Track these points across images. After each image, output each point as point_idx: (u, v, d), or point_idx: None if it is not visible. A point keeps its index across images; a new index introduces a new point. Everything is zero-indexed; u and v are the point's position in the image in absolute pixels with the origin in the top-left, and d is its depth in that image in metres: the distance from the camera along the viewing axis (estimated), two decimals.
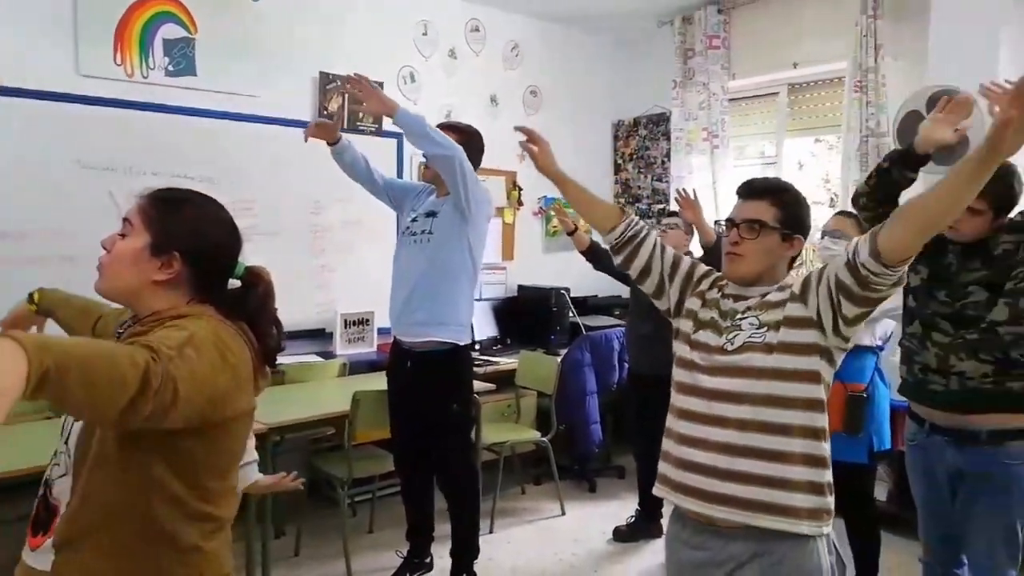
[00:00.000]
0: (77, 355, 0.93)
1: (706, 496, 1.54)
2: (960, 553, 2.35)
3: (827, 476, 1.54)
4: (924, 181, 2.32)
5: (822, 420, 1.54)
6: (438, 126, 3.12)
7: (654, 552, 3.51)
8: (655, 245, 1.79)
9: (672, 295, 1.75)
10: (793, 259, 1.69)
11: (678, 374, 1.66)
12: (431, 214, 3.02)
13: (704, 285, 1.73)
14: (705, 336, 1.62)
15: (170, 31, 3.79)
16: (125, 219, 1.30)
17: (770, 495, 1.49)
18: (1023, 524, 2.21)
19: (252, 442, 1.99)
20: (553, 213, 3.88)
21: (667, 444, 1.64)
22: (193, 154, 3.80)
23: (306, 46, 4.21)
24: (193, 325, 1.19)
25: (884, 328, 2.92)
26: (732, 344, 1.56)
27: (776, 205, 1.63)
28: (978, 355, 2.14)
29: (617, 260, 1.83)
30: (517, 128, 1.99)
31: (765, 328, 1.55)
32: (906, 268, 1.44)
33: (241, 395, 1.25)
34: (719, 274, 1.76)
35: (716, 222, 3.51)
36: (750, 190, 1.68)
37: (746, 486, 1.50)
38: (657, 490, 1.67)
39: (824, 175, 4.83)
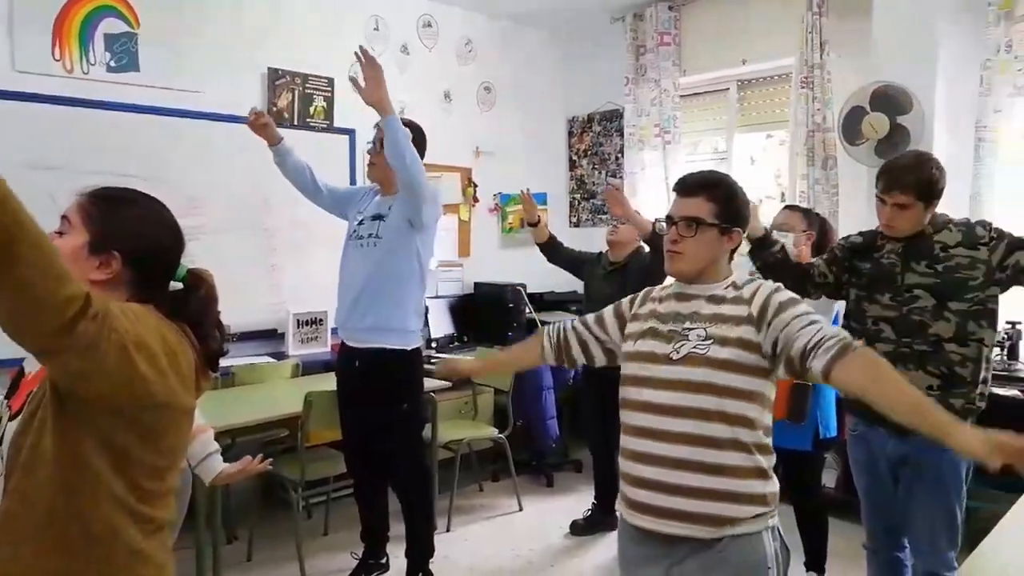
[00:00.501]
0: (34, 229, 0.95)
1: (653, 511, 1.57)
2: (902, 538, 2.42)
3: (771, 487, 1.57)
4: None
5: (761, 437, 1.56)
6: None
7: (610, 545, 3.53)
8: (576, 332, 1.85)
9: (619, 342, 1.77)
10: (734, 250, 1.71)
11: (624, 391, 1.67)
12: (378, 217, 2.97)
13: (635, 308, 1.75)
14: (648, 344, 1.63)
15: (111, 25, 3.69)
16: (63, 216, 1.28)
17: (715, 508, 1.52)
18: (961, 508, 2.28)
19: (211, 433, 2.01)
20: (521, 203, 3.86)
21: (620, 462, 1.66)
22: (137, 152, 3.70)
23: (254, 41, 4.14)
24: (133, 311, 1.18)
25: (830, 316, 2.97)
26: (678, 353, 1.57)
27: (712, 200, 1.63)
28: (926, 367, 2.19)
29: (564, 364, 1.91)
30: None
31: (711, 341, 1.55)
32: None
33: (178, 387, 1.23)
34: (648, 289, 1.79)
35: (656, 220, 3.54)
36: (685, 187, 1.69)
37: (692, 499, 1.53)
38: (617, 504, 1.71)
39: (776, 170, 4.90)
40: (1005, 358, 3.49)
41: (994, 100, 3.59)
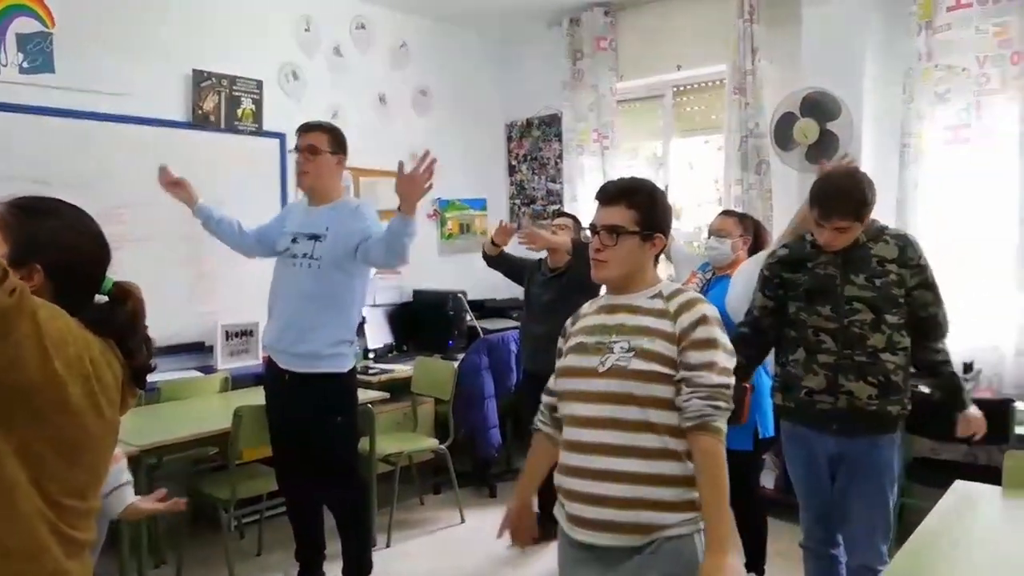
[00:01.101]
0: None
1: (586, 523, 1.58)
2: (837, 535, 2.47)
3: (695, 493, 1.56)
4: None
5: (679, 444, 1.56)
6: (303, 128, 2.97)
7: (553, 554, 3.48)
8: (551, 400, 1.79)
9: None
10: (658, 256, 1.72)
11: (560, 406, 1.70)
12: (315, 237, 2.85)
13: (568, 330, 1.77)
14: (575, 359, 1.66)
15: (24, 25, 3.49)
16: None
17: (647, 516, 1.53)
18: (894, 503, 2.37)
19: (123, 463, 1.93)
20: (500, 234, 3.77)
21: (555, 475, 1.68)
22: (55, 157, 3.51)
23: (178, 41, 3.98)
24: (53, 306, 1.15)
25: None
26: (604, 366, 1.59)
27: (632, 207, 1.64)
28: (866, 377, 2.26)
29: None
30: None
31: (632, 353, 1.57)
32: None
33: (100, 398, 1.20)
34: (579, 310, 1.79)
35: (582, 229, 3.54)
36: (606, 195, 1.69)
37: (621, 511, 1.54)
38: (556, 510, 1.69)
39: (714, 175, 4.97)
40: None
41: (917, 107, 3.71)
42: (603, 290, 1.77)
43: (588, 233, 1.72)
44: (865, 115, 3.75)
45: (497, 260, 3.86)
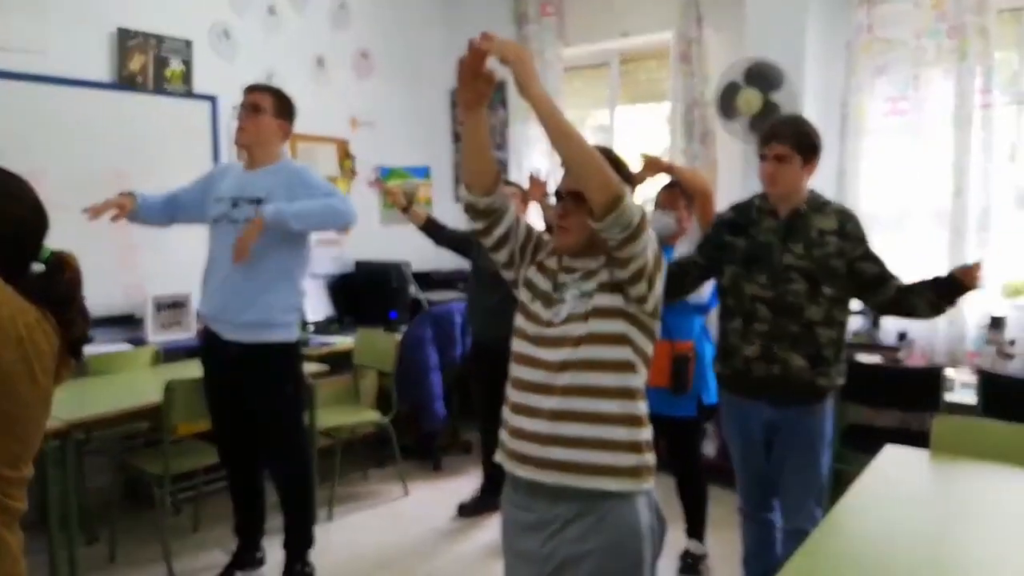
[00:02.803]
0: None
1: (534, 462, 1.57)
2: (772, 500, 2.54)
3: (645, 434, 1.59)
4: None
5: (635, 380, 1.58)
6: (249, 87, 2.86)
7: (498, 524, 3.49)
8: (514, 216, 1.75)
9: (521, 266, 1.73)
10: None
11: (515, 343, 1.67)
12: (257, 201, 2.74)
13: (542, 255, 1.73)
14: (537, 308, 1.65)
15: None
16: None
17: (592, 456, 1.54)
18: (827, 468, 2.46)
19: None
20: (383, 190, 3.73)
21: (504, 412, 1.67)
22: None
23: None
24: None
25: (709, 287, 3.01)
26: (558, 317, 1.60)
27: None
28: (797, 348, 2.29)
29: (477, 226, 1.73)
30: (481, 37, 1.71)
31: (582, 296, 1.59)
32: (622, 219, 1.45)
33: (34, 367, 1.20)
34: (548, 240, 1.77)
35: (547, 195, 3.52)
36: None
37: (569, 449, 1.54)
38: (497, 455, 1.69)
39: (661, 145, 4.96)
40: (870, 327, 3.68)
41: (857, 79, 3.75)
42: None
43: (553, 200, 1.68)
44: (807, 86, 3.77)
45: (435, 233, 3.79)
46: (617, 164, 1.65)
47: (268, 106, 2.80)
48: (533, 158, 5.00)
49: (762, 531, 2.57)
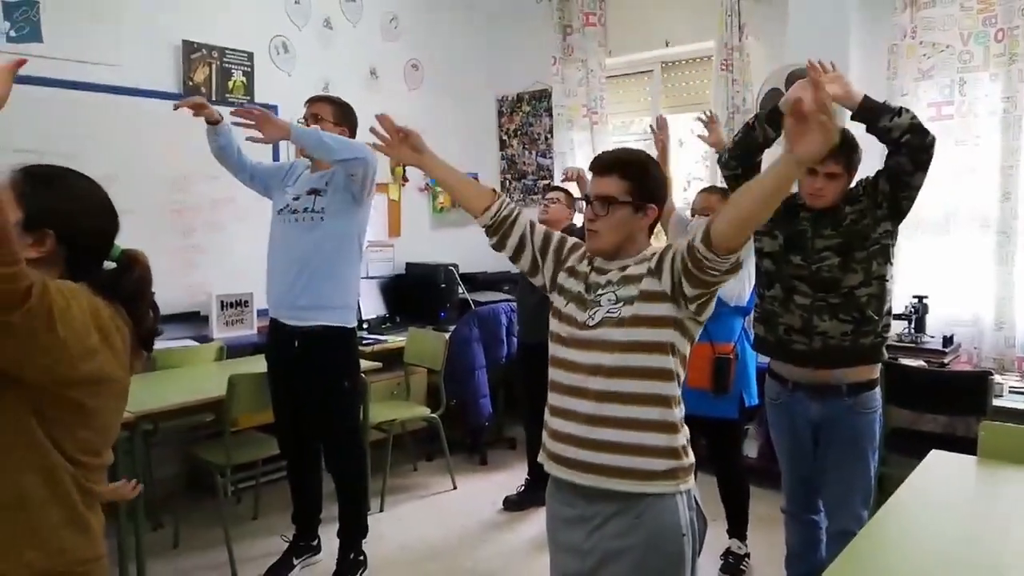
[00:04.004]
0: None
1: (571, 464, 1.62)
2: (818, 500, 2.53)
3: (681, 440, 1.62)
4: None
5: (672, 389, 1.61)
6: (310, 99, 3.02)
7: (542, 518, 3.58)
8: (527, 224, 1.82)
9: (546, 271, 1.79)
10: (652, 227, 1.73)
11: (551, 347, 1.72)
12: (314, 192, 2.91)
13: (573, 259, 1.77)
14: (571, 310, 1.68)
15: None
16: None
17: (628, 461, 1.57)
18: (874, 469, 2.43)
19: None
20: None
21: (545, 415, 1.72)
22: (42, 127, 3.49)
23: (168, 12, 3.97)
24: (69, 288, 1.19)
25: (748, 289, 3.05)
26: (593, 319, 1.62)
27: (625, 178, 1.65)
28: (838, 316, 2.31)
29: (491, 241, 1.83)
30: (377, 117, 1.93)
31: (621, 303, 1.60)
32: (736, 258, 1.48)
33: (111, 363, 1.24)
34: (577, 242, 1.81)
35: (577, 198, 3.60)
36: (599, 166, 1.70)
37: (605, 453, 1.58)
38: (540, 456, 1.74)
39: (704, 151, 5.00)
40: (912, 331, 3.68)
41: (900, 84, 3.77)
42: None
43: (583, 203, 1.75)
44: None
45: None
46: (658, 177, 1.71)
47: (328, 115, 2.95)
48: (577, 162, 5.09)
49: (806, 532, 2.56)
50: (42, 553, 1.20)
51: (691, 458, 1.64)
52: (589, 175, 1.74)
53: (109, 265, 1.36)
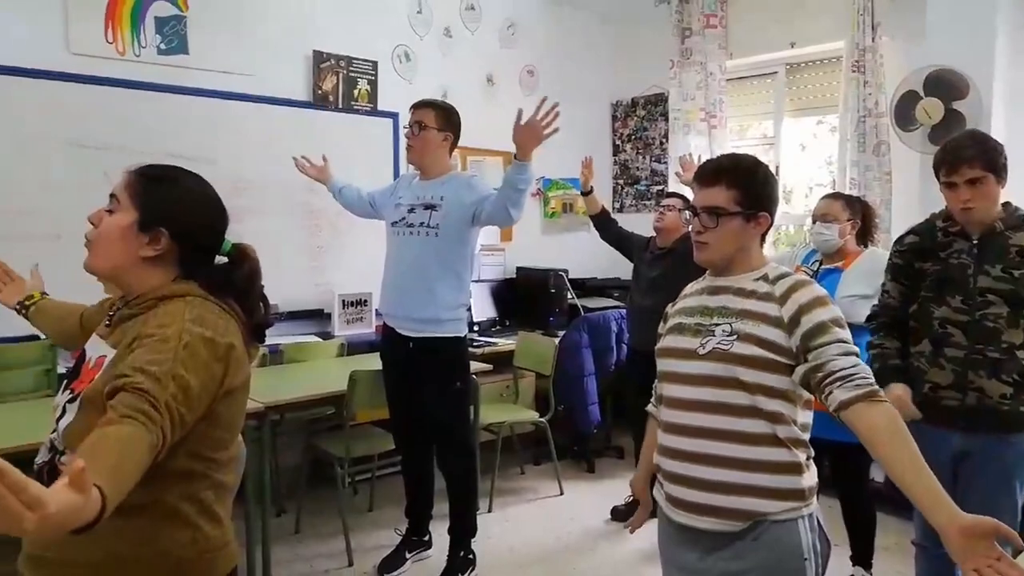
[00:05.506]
0: (118, 478, 0.98)
1: (686, 506, 1.55)
2: None
3: (807, 480, 1.52)
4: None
5: (786, 431, 1.50)
6: (414, 105, 3.07)
7: (651, 531, 3.52)
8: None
9: None
10: (765, 235, 1.64)
11: (659, 387, 1.67)
12: (431, 207, 2.96)
13: (668, 311, 1.72)
14: (673, 340, 1.62)
15: (161, 8, 3.74)
16: (112, 195, 1.31)
17: (748, 503, 1.49)
18: (1019, 509, 2.21)
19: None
20: (583, 171, 3.91)
21: (655, 456, 1.65)
22: (186, 133, 3.76)
23: (299, 24, 4.17)
24: (178, 324, 1.20)
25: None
26: (704, 348, 1.54)
27: (733, 187, 1.56)
28: (999, 375, 2.10)
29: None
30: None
31: (735, 337, 1.51)
32: None
33: (236, 372, 1.28)
34: (682, 291, 1.74)
35: (680, 210, 3.52)
36: (704, 175, 1.61)
37: (722, 495, 1.50)
38: (655, 493, 1.68)
39: (827, 157, 4.81)
40: None
41: None
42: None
43: (688, 214, 1.69)
44: (996, 94, 3.54)
45: (605, 225, 3.90)
46: (769, 182, 1.62)
47: (431, 121, 2.99)
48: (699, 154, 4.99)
49: (939, 568, 2.34)
50: (175, 543, 1.25)
51: (814, 477, 1.55)
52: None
53: (221, 260, 1.38)
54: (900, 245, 2.36)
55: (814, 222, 3.01)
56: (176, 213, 1.30)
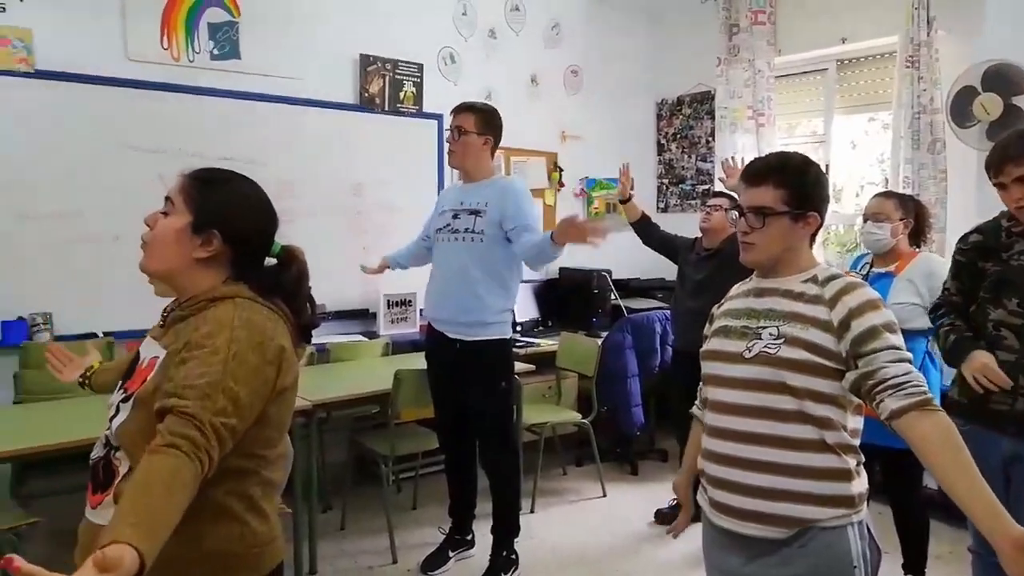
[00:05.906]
0: (158, 525, 1.03)
1: (731, 511, 1.52)
2: None
3: (856, 487, 1.49)
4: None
5: (835, 436, 1.47)
6: (454, 110, 3.09)
7: (695, 535, 3.48)
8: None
9: None
10: (814, 235, 1.60)
11: (703, 391, 1.65)
12: (475, 212, 2.97)
13: (714, 312, 1.70)
14: (718, 343, 1.59)
15: (214, 15, 3.85)
16: (167, 197, 1.35)
17: (796, 509, 1.46)
18: None
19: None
20: (621, 179, 3.89)
21: (700, 460, 1.63)
22: (237, 136, 3.86)
23: (346, 28, 4.24)
24: (226, 334, 1.23)
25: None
26: (750, 351, 1.51)
27: (781, 186, 1.53)
28: None
29: None
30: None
31: (782, 340, 1.47)
32: None
33: (287, 373, 1.31)
34: (728, 293, 1.72)
35: (726, 210, 3.46)
36: (751, 174, 1.58)
37: (769, 501, 1.47)
38: (699, 498, 1.65)
39: (879, 155, 4.69)
40: None
41: None
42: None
43: (734, 215, 1.66)
44: None
45: (647, 231, 3.87)
46: (818, 180, 1.59)
47: (470, 125, 2.99)
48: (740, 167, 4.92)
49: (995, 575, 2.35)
50: (223, 538, 1.27)
51: (864, 484, 1.51)
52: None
53: (270, 261, 1.42)
54: (964, 243, 2.31)
55: (865, 221, 2.94)
56: (228, 216, 1.33)
